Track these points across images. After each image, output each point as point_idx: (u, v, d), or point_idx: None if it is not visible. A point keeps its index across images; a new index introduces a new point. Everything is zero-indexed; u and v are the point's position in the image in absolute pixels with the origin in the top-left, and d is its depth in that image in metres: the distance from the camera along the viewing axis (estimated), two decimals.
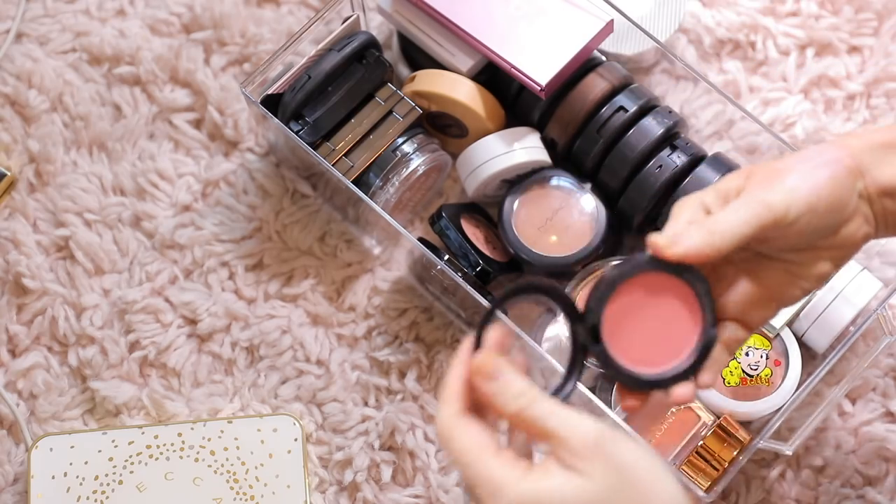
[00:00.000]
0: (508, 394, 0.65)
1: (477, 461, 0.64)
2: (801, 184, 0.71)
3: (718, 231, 0.70)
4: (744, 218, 0.70)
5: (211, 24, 1.08)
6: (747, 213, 0.70)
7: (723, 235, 0.70)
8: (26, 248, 1.02)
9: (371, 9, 1.02)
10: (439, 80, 0.98)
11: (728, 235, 0.70)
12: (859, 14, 1.08)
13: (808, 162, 0.73)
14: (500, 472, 0.63)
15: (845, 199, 0.72)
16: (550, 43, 0.96)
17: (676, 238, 0.70)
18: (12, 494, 0.96)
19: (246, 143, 1.05)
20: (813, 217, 0.71)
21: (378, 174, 0.96)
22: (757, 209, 0.70)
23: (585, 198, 0.98)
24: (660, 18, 1.04)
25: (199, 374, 0.99)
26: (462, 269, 0.95)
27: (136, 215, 1.03)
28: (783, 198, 0.71)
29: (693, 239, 0.70)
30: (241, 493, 0.94)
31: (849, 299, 0.94)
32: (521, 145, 0.97)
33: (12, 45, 1.08)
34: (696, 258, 0.70)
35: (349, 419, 0.98)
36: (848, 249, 0.74)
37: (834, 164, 0.72)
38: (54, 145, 1.05)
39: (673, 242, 0.70)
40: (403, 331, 1.00)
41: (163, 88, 1.07)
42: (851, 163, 0.73)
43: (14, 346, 1.00)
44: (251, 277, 1.02)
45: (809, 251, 0.73)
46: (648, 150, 0.96)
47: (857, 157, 0.73)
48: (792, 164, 0.73)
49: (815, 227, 0.72)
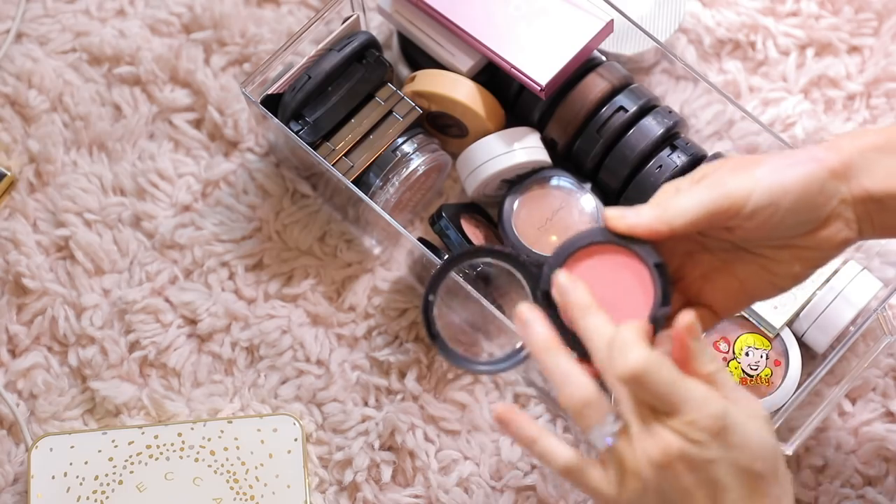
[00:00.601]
0: (707, 355, 0.69)
1: (681, 379, 0.67)
2: (769, 176, 0.72)
3: (671, 209, 0.72)
4: (699, 200, 0.71)
5: (211, 24, 1.08)
6: (704, 197, 0.71)
7: (674, 213, 0.71)
8: (26, 248, 1.02)
9: (371, 9, 1.02)
10: (439, 80, 0.98)
11: (680, 214, 0.71)
12: (859, 14, 1.08)
13: (786, 158, 0.73)
14: (703, 385, 0.67)
15: (819, 200, 0.72)
16: (550, 43, 0.96)
17: (626, 212, 0.72)
18: (12, 494, 0.96)
19: (246, 143, 1.05)
20: (776, 211, 0.71)
21: (378, 174, 0.96)
22: (715, 194, 0.71)
23: (585, 198, 0.98)
24: (660, 18, 1.04)
25: (199, 374, 0.99)
26: (462, 269, 0.95)
27: (136, 215, 1.03)
28: (745, 186, 0.71)
29: (643, 214, 0.72)
30: (241, 493, 0.94)
31: (849, 299, 0.94)
32: (521, 145, 0.97)
33: (12, 45, 1.08)
34: (645, 233, 0.72)
35: (349, 419, 0.98)
36: (825, 252, 0.74)
37: (812, 163, 0.72)
38: (54, 145, 1.05)
39: (622, 216, 0.72)
40: (403, 331, 1.00)
41: (163, 88, 1.07)
42: (836, 165, 0.72)
43: (14, 346, 1.00)
44: (251, 277, 1.02)
45: (786, 249, 0.74)
46: (648, 150, 0.96)
47: (847, 160, 0.73)
48: (769, 158, 0.73)
49: (782, 222, 0.72)
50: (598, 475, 0.69)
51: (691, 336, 0.69)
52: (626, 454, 0.68)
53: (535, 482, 0.96)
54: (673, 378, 0.67)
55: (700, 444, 0.66)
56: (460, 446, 0.97)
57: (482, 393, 0.99)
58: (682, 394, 0.66)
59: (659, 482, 0.67)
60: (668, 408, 0.67)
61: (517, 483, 0.96)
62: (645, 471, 0.67)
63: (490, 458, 0.97)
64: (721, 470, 0.67)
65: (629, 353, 0.67)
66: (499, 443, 0.97)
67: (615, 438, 0.68)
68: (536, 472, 0.96)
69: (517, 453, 0.97)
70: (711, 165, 0.74)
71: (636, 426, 0.67)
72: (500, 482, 0.96)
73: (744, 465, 0.67)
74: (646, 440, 0.67)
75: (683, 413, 0.66)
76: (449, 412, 0.98)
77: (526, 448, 0.71)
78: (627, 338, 0.68)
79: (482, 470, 0.97)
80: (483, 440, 0.98)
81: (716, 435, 0.66)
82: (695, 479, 0.67)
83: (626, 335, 0.68)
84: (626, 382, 0.67)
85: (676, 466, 0.67)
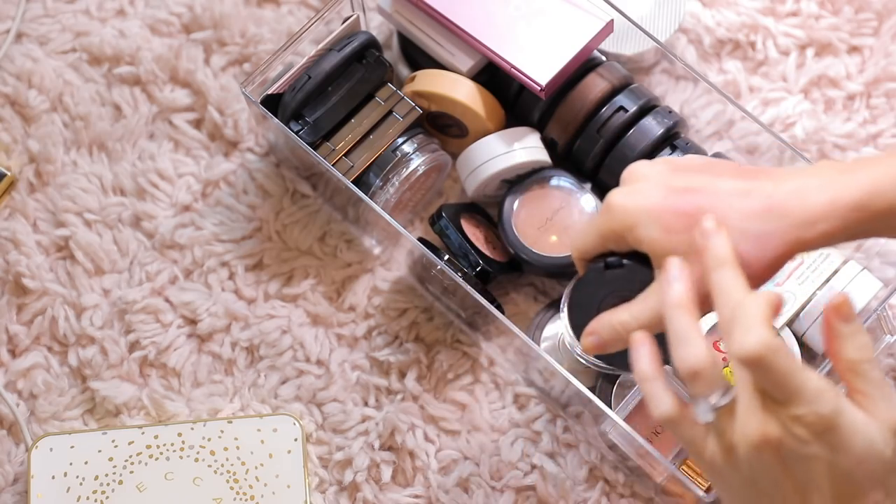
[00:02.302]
0: (854, 342, 0.68)
1: (798, 370, 0.65)
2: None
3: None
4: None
5: (211, 24, 1.08)
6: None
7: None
8: (26, 248, 1.02)
9: (371, 9, 1.02)
10: (439, 80, 0.98)
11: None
12: (859, 14, 1.08)
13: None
14: (820, 380, 0.65)
15: None
16: (550, 43, 0.96)
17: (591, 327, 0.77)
18: (12, 494, 0.96)
19: (246, 143, 1.05)
20: None
21: (378, 174, 0.96)
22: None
23: (585, 198, 0.98)
24: (660, 18, 1.04)
25: (199, 374, 0.99)
26: (462, 269, 0.95)
27: (136, 215, 1.03)
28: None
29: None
30: (241, 493, 0.94)
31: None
32: (521, 145, 0.97)
33: (12, 45, 1.08)
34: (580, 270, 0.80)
35: (349, 419, 0.98)
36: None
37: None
38: (54, 145, 1.05)
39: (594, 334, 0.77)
40: (403, 331, 1.00)
41: (163, 88, 1.07)
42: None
43: (14, 346, 1.00)
44: (251, 277, 1.02)
45: None
46: (648, 150, 0.96)
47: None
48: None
49: None
50: (698, 434, 0.68)
51: (839, 318, 0.68)
52: (727, 428, 0.67)
53: (535, 482, 0.96)
54: (789, 368, 0.64)
55: (801, 439, 0.65)
56: (460, 446, 0.97)
57: (482, 393, 0.99)
58: (796, 385, 0.64)
59: (751, 465, 0.66)
60: (780, 396, 0.65)
61: (517, 483, 0.96)
62: (742, 450, 0.66)
63: (490, 458, 0.97)
64: (816, 469, 0.65)
65: (749, 334, 0.64)
66: (499, 443, 0.97)
67: (717, 414, 0.67)
68: (536, 472, 0.96)
69: (517, 453, 0.97)
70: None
71: (744, 404, 0.66)
72: (500, 482, 0.96)
73: (842, 470, 0.65)
74: (749, 421, 0.66)
75: (793, 405, 0.65)
76: (449, 412, 0.98)
77: (636, 381, 0.70)
78: (752, 314, 0.65)
79: (482, 470, 0.97)
80: (483, 440, 0.98)
81: (819, 433, 0.65)
82: (787, 472, 0.66)
83: (752, 310, 0.65)
84: (741, 362, 0.65)
85: (772, 455, 0.65)
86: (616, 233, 0.75)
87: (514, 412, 0.98)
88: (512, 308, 1.01)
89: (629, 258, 0.76)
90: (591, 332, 0.76)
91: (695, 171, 0.75)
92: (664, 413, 0.69)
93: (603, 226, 0.76)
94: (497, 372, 0.99)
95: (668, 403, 0.69)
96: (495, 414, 0.98)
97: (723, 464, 0.68)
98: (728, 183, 0.73)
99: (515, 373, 0.99)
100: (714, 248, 0.69)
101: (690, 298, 0.69)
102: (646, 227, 0.73)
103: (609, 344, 0.76)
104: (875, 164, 0.72)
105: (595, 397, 0.89)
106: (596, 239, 0.77)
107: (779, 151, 0.97)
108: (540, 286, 1.01)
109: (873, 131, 1.05)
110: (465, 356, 0.99)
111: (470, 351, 0.99)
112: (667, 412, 0.69)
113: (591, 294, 0.78)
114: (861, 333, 0.68)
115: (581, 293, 0.79)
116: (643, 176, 0.75)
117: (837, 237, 0.71)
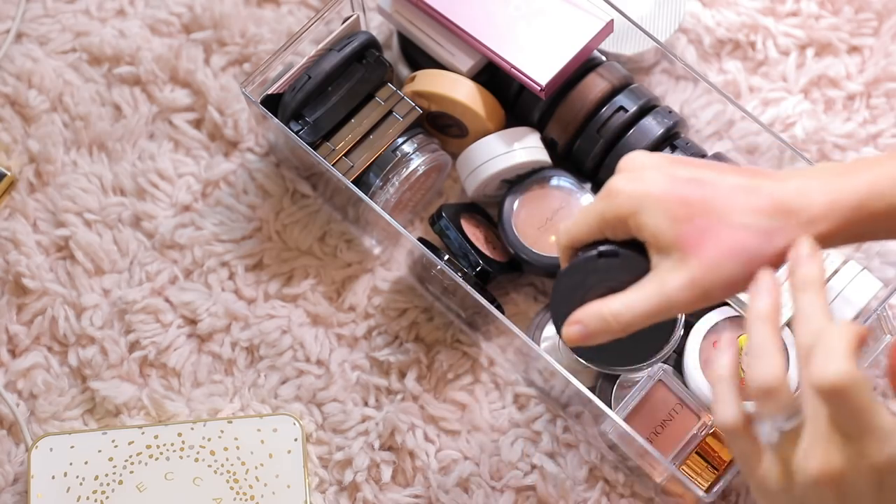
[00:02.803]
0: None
1: (874, 406, 0.63)
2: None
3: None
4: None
5: (211, 24, 1.08)
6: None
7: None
8: (26, 248, 1.02)
9: (371, 9, 1.02)
10: (439, 80, 0.98)
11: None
12: (859, 14, 1.08)
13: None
14: (892, 422, 0.63)
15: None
16: (550, 43, 0.96)
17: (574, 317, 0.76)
18: (12, 494, 0.96)
19: (246, 143, 1.05)
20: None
21: (378, 174, 0.96)
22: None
23: (585, 198, 0.99)
24: (660, 18, 1.04)
25: (199, 374, 0.99)
26: (462, 269, 0.95)
27: (136, 215, 1.03)
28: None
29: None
30: (241, 493, 0.94)
31: (849, 299, 0.94)
32: (521, 145, 0.97)
33: (12, 45, 1.08)
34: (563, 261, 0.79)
35: (349, 419, 0.98)
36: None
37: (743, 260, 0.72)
38: (54, 145, 1.05)
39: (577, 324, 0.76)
40: (403, 331, 1.00)
41: (163, 88, 1.07)
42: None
43: (14, 346, 1.00)
44: (251, 277, 1.02)
45: None
46: (648, 150, 0.96)
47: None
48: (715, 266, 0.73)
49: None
50: (755, 450, 0.67)
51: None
52: (789, 452, 0.66)
53: (535, 482, 0.96)
54: (866, 403, 0.62)
55: (865, 477, 0.64)
56: (460, 446, 0.97)
57: (482, 393, 0.99)
58: (869, 422, 0.63)
59: (806, 494, 0.65)
60: (853, 431, 0.63)
61: (517, 483, 0.96)
62: (800, 477, 0.65)
63: (490, 458, 0.97)
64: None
65: (832, 363, 0.62)
66: (499, 443, 0.97)
67: (781, 436, 0.66)
68: (536, 472, 0.96)
69: (517, 453, 0.97)
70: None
71: (813, 433, 0.64)
72: (500, 482, 0.96)
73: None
74: (815, 450, 0.64)
75: (862, 441, 0.63)
76: (449, 412, 0.98)
77: (709, 381, 0.69)
78: (836, 343, 0.63)
79: (482, 470, 0.97)
80: (483, 440, 0.98)
81: (885, 474, 0.63)
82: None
83: (837, 339, 0.64)
84: (821, 391, 0.63)
85: (828, 488, 0.64)
86: (618, 218, 0.74)
87: (514, 412, 0.98)
88: (512, 308, 1.01)
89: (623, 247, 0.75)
90: (576, 321, 0.74)
91: (696, 165, 0.75)
92: (727, 421, 0.67)
93: (605, 211, 0.74)
94: (497, 372, 0.99)
95: (734, 412, 0.67)
96: (495, 414, 0.98)
97: (776, 487, 0.67)
98: (732, 178, 0.73)
99: (515, 373, 0.99)
100: (806, 270, 0.68)
101: (777, 313, 0.68)
102: (650, 213, 0.72)
103: (594, 335, 0.74)
104: (875, 166, 0.72)
105: (595, 397, 0.89)
106: (593, 225, 0.75)
107: (779, 151, 0.97)
108: (540, 286, 1.01)
109: (873, 131, 1.05)
110: (465, 356, 0.99)
111: (470, 351, 0.99)
112: (730, 421, 0.67)
113: (578, 283, 0.76)
114: None
115: (567, 281, 0.77)
116: (644, 164, 0.74)
117: (837, 238, 0.71)
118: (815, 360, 0.63)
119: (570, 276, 0.77)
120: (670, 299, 0.72)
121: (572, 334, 0.75)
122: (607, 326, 0.73)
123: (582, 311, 0.74)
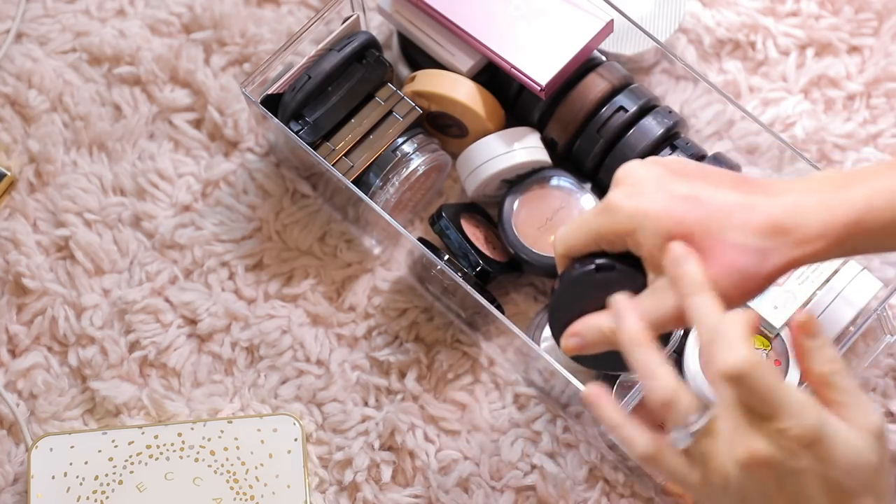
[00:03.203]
0: (823, 355, 0.70)
1: (780, 385, 0.66)
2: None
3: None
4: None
5: (211, 24, 1.08)
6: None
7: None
8: (26, 248, 1.02)
9: (371, 9, 1.02)
10: (439, 80, 0.98)
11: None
12: (859, 14, 1.08)
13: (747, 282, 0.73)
14: (802, 393, 0.66)
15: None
16: (550, 43, 0.96)
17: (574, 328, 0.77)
18: (12, 494, 0.96)
19: (246, 143, 1.05)
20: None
21: (378, 174, 0.96)
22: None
23: (585, 198, 0.99)
24: (660, 18, 1.04)
25: (199, 374, 0.99)
26: (462, 269, 0.95)
27: (136, 215, 1.03)
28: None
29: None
30: (241, 493, 0.94)
31: (849, 299, 0.94)
32: (521, 145, 0.97)
33: (12, 45, 1.08)
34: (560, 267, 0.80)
35: (349, 419, 0.98)
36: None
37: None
38: (54, 145, 1.05)
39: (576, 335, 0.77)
40: (403, 331, 1.00)
41: (163, 88, 1.07)
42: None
43: (14, 346, 1.00)
44: (251, 277, 1.02)
45: None
46: (648, 150, 0.96)
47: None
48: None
49: None
50: (680, 463, 0.69)
51: (806, 334, 0.69)
52: (713, 450, 0.67)
53: (535, 482, 0.96)
54: (772, 383, 0.66)
55: (789, 453, 0.66)
56: (460, 446, 0.97)
57: (482, 393, 0.99)
58: (780, 400, 0.65)
59: (742, 483, 0.67)
60: (764, 412, 0.66)
61: (517, 483, 0.96)
62: (730, 470, 0.67)
63: (490, 458, 0.97)
64: (807, 481, 0.66)
65: (731, 351, 0.66)
66: (499, 443, 0.97)
67: (696, 436, 0.68)
68: (536, 472, 0.96)
69: (517, 453, 0.97)
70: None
71: (729, 424, 0.67)
72: (500, 482, 0.96)
73: (832, 480, 0.66)
74: (736, 439, 0.66)
75: (778, 419, 0.65)
76: (449, 412, 0.98)
77: (608, 430, 0.71)
78: (731, 333, 0.67)
79: (482, 470, 0.97)
80: (483, 440, 0.98)
81: (807, 446, 0.65)
82: (778, 486, 0.66)
83: (731, 330, 0.67)
84: (724, 380, 0.66)
85: (761, 471, 0.66)
86: (616, 234, 0.75)
87: (514, 412, 0.98)
88: (512, 308, 1.01)
89: (619, 261, 0.76)
90: (574, 333, 0.76)
91: (693, 178, 0.75)
92: (644, 450, 0.70)
93: (602, 226, 0.76)
94: (497, 372, 0.99)
95: (645, 440, 0.70)
96: (495, 414, 0.98)
97: (712, 486, 0.68)
98: (727, 195, 0.74)
99: (515, 373, 0.99)
100: (688, 275, 0.71)
101: (643, 330, 0.70)
102: (647, 233, 0.73)
103: (591, 346, 0.76)
104: (870, 178, 0.73)
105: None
106: (591, 237, 0.76)
107: (779, 151, 0.97)
108: (540, 286, 1.01)
109: (873, 131, 1.05)
110: (465, 356, 0.99)
111: (470, 351, 0.99)
112: (646, 449, 0.70)
113: (576, 295, 0.77)
114: (828, 347, 0.70)
115: (565, 293, 0.78)
116: (641, 178, 0.75)
117: (832, 254, 0.73)
118: (715, 352, 0.67)
119: (568, 289, 0.78)
120: (666, 316, 0.73)
121: (570, 345, 0.77)
122: (605, 339, 0.75)
123: (580, 323, 0.76)
